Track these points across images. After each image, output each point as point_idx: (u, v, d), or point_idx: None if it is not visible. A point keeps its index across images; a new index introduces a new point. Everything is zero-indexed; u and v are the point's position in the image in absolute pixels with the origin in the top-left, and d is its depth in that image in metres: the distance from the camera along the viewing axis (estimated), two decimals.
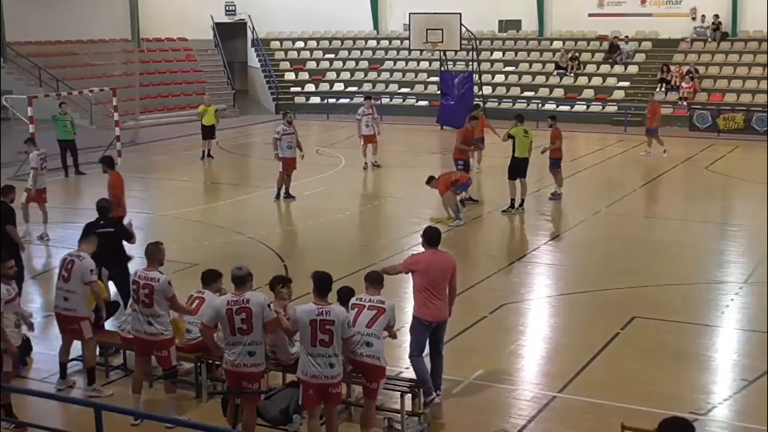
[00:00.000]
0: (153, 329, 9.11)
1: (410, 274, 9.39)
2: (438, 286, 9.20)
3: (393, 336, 9.06)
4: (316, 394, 8.15)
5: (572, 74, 35.54)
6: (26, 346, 10.47)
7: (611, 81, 35.04)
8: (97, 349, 10.43)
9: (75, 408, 8.35)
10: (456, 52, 33.83)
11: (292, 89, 38.50)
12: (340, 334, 8.04)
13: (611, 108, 33.54)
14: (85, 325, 9.89)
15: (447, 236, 17.21)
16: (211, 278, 10.02)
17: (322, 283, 8.25)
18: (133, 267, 11.40)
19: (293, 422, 8.81)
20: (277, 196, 19.93)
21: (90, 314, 9.99)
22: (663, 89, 33.44)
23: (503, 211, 18.65)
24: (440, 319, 9.31)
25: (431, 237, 9.42)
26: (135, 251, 15.72)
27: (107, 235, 11.59)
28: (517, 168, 18.65)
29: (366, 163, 24.00)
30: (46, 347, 10.88)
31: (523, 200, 18.76)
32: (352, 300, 8.72)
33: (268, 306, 8.35)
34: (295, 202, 19.94)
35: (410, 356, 9.37)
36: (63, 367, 10.13)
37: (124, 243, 12.14)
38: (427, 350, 9.46)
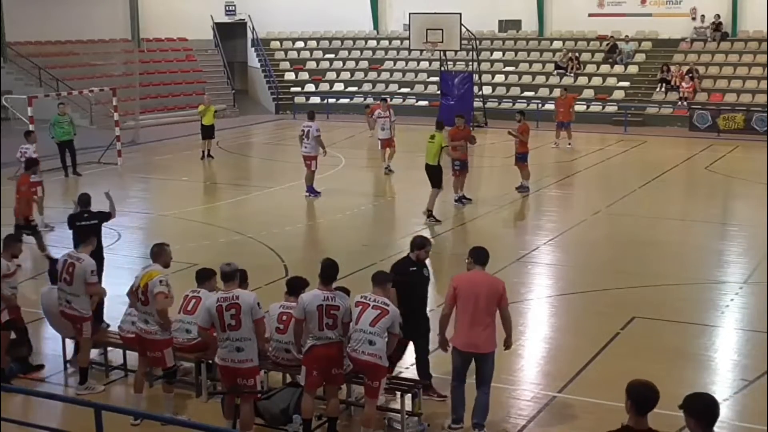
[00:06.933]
0: (150, 327, 9.11)
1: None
2: (478, 312, 8.47)
3: (392, 344, 8.67)
4: (320, 374, 8.44)
5: (572, 74, 35.53)
6: (27, 346, 10.51)
7: (611, 81, 35.04)
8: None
9: (75, 408, 8.34)
10: (456, 52, 33.83)
11: (292, 89, 38.49)
12: (341, 318, 8.43)
13: (611, 108, 33.54)
14: (87, 326, 9.94)
15: (447, 235, 17.27)
16: (205, 277, 10.01)
17: (328, 270, 8.56)
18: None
19: (293, 422, 8.82)
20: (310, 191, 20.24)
21: (91, 314, 10.02)
22: (663, 89, 33.46)
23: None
24: (477, 350, 8.59)
25: (479, 256, 8.76)
26: (137, 250, 15.77)
27: (91, 227, 11.79)
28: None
29: (387, 167, 23.37)
30: (46, 347, 10.88)
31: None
32: (357, 298, 8.66)
33: (258, 305, 8.47)
34: (294, 202, 19.98)
35: (451, 383, 8.88)
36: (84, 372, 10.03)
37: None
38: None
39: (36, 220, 15.86)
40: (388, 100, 26.74)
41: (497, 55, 37.53)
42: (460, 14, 32.03)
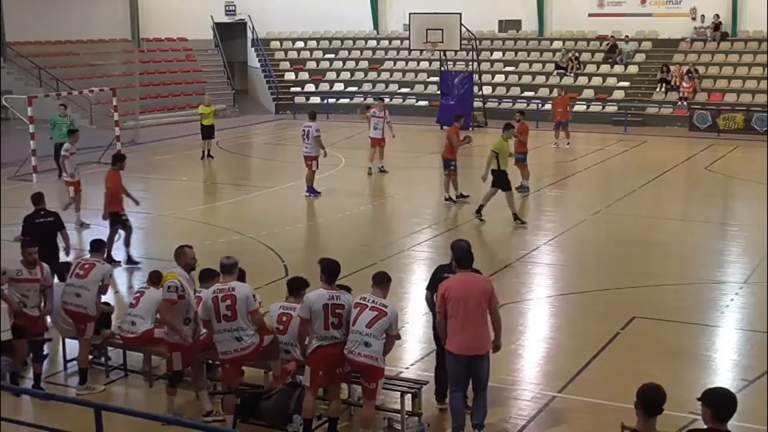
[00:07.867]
0: (163, 328, 9.25)
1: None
2: (469, 314, 8.30)
3: (389, 346, 8.60)
4: (325, 374, 8.45)
5: (572, 74, 35.53)
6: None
7: (611, 81, 35.03)
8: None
9: (75, 408, 8.33)
10: (456, 52, 33.83)
11: (292, 89, 38.49)
12: (345, 317, 8.43)
13: (611, 108, 33.55)
14: (90, 327, 9.95)
15: (447, 236, 17.24)
16: (208, 277, 10.00)
17: (330, 269, 8.58)
18: None
19: (293, 422, 8.81)
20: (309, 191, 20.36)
21: (96, 314, 10.03)
22: (663, 89, 33.46)
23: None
24: (473, 352, 8.41)
25: (463, 259, 8.63)
26: (137, 250, 15.74)
27: (47, 224, 12.08)
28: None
29: (370, 168, 23.20)
30: (45, 348, 10.85)
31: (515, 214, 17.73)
32: (356, 299, 8.66)
33: (254, 296, 8.63)
34: (294, 202, 19.97)
35: (449, 390, 8.73)
36: (84, 373, 10.02)
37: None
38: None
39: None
40: (385, 100, 26.58)
41: (497, 55, 37.53)
42: (460, 14, 32.03)
